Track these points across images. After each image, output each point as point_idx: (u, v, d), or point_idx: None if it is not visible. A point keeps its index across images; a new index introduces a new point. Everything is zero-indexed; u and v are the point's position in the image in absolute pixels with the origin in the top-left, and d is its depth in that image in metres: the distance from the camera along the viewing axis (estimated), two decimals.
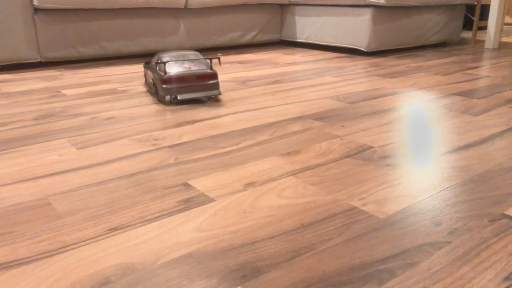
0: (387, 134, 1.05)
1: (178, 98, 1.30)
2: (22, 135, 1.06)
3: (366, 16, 2.24)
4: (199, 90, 1.33)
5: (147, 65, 1.51)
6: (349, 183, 0.78)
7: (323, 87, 1.56)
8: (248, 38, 2.60)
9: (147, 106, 1.31)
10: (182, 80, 1.31)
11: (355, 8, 2.29)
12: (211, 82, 1.34)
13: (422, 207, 0.69)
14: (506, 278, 0.52)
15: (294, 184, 0.78)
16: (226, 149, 0.95)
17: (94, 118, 1.20)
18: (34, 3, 1.87)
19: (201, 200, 0.72)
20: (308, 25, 2.56)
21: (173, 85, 1.30)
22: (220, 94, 1.36)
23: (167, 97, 1.31)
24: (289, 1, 2.60)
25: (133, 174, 0.82)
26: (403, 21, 2.40)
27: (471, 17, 2.97)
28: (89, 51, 2.09)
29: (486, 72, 1.87)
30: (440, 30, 2.63)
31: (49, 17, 1.95)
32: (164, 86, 1.30)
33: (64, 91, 1.52)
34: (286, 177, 0.81)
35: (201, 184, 0.78)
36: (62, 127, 1.12)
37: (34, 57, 1.95)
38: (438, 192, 0.74)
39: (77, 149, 0.96)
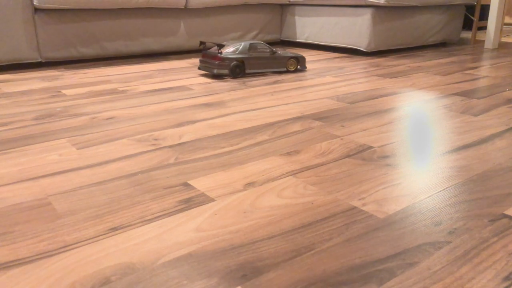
0: (387, 134, 1.05)
1: None
2: (22, 135, 1.06)
3: (366, 16, 2.24)
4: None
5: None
6: (349, 183, 0.78)
7: (323, 87, 1.57)
8: (248, 38, 2.60)
9: (147, 106, 1.31)
10: None
11: (355, 8, 2.29)
12: None
13: (422, 207, 0.69)
14: (506, 278, 0.52)
15: (294, 184, 0.78)
16: (226, 149, 0.95)
17: (94, 118, 1.20)
18: (34, 3, 1.87)
19: (201, 200, 0.72)
20: (308, 25, 2.56)
21: None
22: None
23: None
24: (289, 1, 2.60)
25: (133, 174, 0.82)
26: (403, 21, 2.40)
27: (471, 17, 2.97)
28: (89, 51, 2.09)
29: (485, 72, 1.87)
30: (440, 30, 2.64)
31: (49, 17, 1.95)
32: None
33: (64, 91, 1.52)
34: (286, 177, 0.81)
35: (201, 184, 0.78)
36: (62, 127, 1.12)
37: (34, 57, 1.95)
38: (438, 192, 0.74)
39: (77, 149, 0.96)
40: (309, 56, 2.34)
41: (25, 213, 0.68)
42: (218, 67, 1.72)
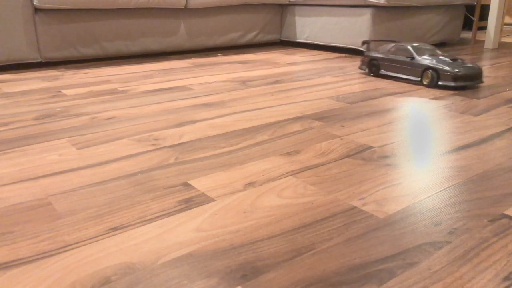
0: (387, 134, 1.05)
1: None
2: (22, 135, 1.06)
3: (366, 16, 2.24)
4: None
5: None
6: (349, 183, 0.78)
7: (323, 87, 1.57)
8: (248, 38, 2.60)
9: (147, 106, 1.31)
10: None
11: (355, 8, 2.29)
12: None
13: (422, 207, 0.69)
14: (506, 278, 0.52)
15: (294, 184, 0.78)
16: (226, 149, 0.95)
17: (94, 118, 1.20)
18: (34, 3, 1.87)
19: (201, 200, 0.72)
20: (308, 25, 2.56)
21: None
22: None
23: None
24: (289, 1, 2.60)
25: (133, 174, 0.82)
26: (403, 21, 2.40)
27: (471, 17, 2.97)
28: (89, 51, 2.09)
29: (486, 72, 1.87)
30: (440, 30, 2.64)
31: (49, 17, 1.95)
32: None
33: (64, 91, 1.52)
34: (286, 177, 0.81)
35: (201, 184, 0.78)
36: (62, 127, 1.12)
37: (35, 57, 1.95)
38: (438, 192, 0.74)
39: (77, 149, 0.96)
40: (309, 56, 2.34)
41: (25, 213, 0.68)
42: (361, 63, 1.85)
